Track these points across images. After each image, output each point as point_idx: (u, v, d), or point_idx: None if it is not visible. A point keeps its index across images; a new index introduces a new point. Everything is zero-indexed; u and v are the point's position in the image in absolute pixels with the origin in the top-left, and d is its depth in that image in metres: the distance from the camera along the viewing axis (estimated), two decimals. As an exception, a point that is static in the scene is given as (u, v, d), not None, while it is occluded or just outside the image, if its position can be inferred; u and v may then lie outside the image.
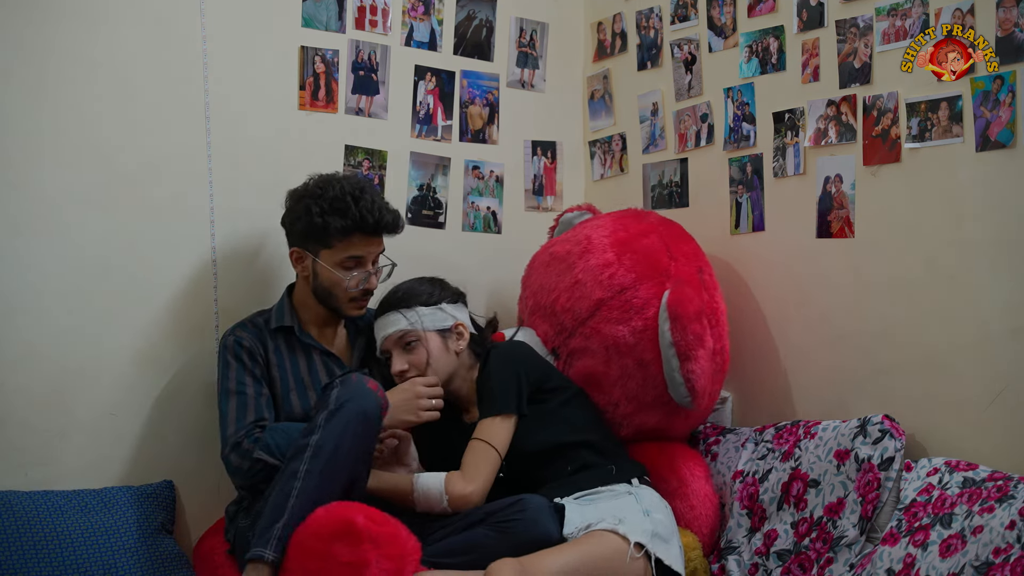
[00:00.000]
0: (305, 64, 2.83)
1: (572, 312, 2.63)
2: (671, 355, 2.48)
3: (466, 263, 3.06)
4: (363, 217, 2.42)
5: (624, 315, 2.56)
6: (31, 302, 2.46)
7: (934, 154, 2.34)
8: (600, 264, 2.62)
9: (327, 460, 2.12)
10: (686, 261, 2.64)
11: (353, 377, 2.23)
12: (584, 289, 2.62)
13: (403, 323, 2.48)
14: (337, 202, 2.41)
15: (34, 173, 2.47)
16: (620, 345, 2.55)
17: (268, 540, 2.07)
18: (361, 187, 2.46)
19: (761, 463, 2.53)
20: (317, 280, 2.49)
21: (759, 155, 2.77)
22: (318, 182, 2.48)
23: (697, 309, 2.50)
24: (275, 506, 2.11)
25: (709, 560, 2.50)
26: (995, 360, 2.23)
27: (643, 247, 2.63)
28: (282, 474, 2.14)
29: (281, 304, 2.56)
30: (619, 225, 2.72)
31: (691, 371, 2.48)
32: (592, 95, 3.31)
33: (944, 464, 2.19)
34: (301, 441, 2.15)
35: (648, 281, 2.57)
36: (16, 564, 2.25)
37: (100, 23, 2.55)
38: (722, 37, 2.87)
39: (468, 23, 3.12)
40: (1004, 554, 1.88)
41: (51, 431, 2.48)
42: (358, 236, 2.45)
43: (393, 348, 2.50)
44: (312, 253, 2.46)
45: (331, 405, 2.17)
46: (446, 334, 2.52)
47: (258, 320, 2.54)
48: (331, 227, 2.41)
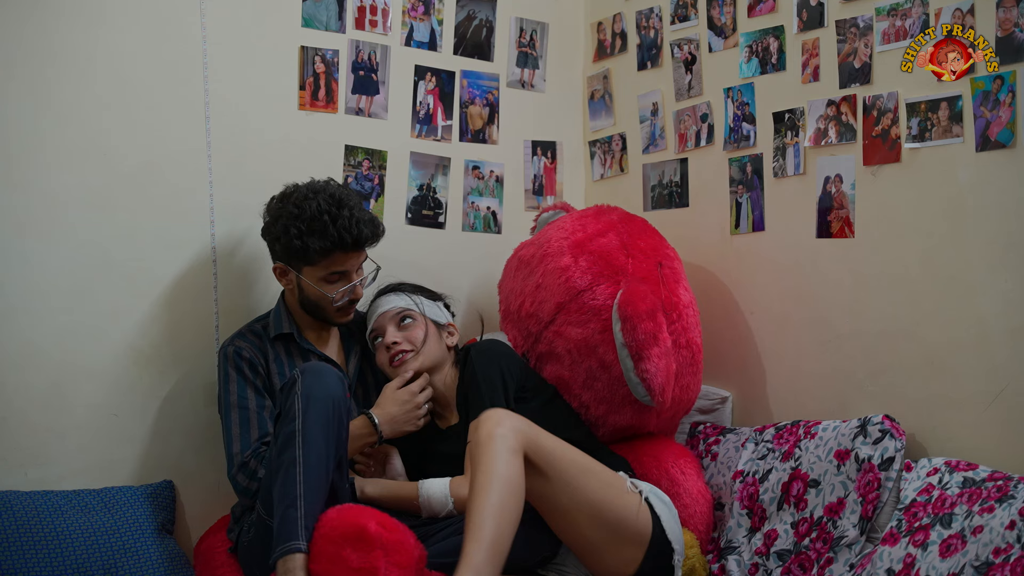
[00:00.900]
0: (305, 64, 2.83)
1: (536, 317, 2.64)
2: (625, 355, 2.49)
3: (466, 263, 3.07)
4: (341, 237, 2.39)
5: (583, 317, 2.56)
6: (31, 301, 2.46)
7: (934, 154, 2.34)
8: (558, 268, 2.62)
9: (315, 446, 2.10)
10: (644, 258, 2.63)
11: (314, 365, 2.23)
12: (545, 293, 2.63)
13: (405, 302, 2.52)
14: (315, 223, 2.38)
15: (35, 172, 2.47)
16: (582, 348, 2.55)
17: (295, 531, 2.02)
18: (339, 202, 2.41)
19: (761, 463, 2.53)
20: (303, 294, 2.48)
21: (759, 155, 2.77)
22: (295, 199, 2.42)
23: (650, 307, 2.49)
24: (284, 495, 2.07)
25: (708, 560, 2.50)
26: (995, 360, 2.23)
27: (599, 247, 2.63)
28: (279, 464, 2.11)
29: (278, 311, 2.55)
30: (578, 226, 2.72)
31: (645, 370, 2.47)
32: (592, 95, 3.31)
33: (944, 464, 2.19)
34: (286, 429, 2.12)
35: (605, 281, 2.57)
36: (16, 564, 2.25)
37: (100, 23, 2.55)
38: (722, 37, 2.87)
39: (468, 23, 3.12)
40: (1004, 554, 1.88)
41: (51, 431, 2.48)
42: (338, 254, 2.42)
43: (388, 324, 2.51)
44: (295, 269, 2.46)
45: (301, 392, 2.14)
46: (441, 327, 2.56)
47: (257, 328, 2.53)
48: (311, 248, 2.38)
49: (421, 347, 2.49)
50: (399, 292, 2.56)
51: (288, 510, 2.04)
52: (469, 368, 2.44)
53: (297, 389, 2.15)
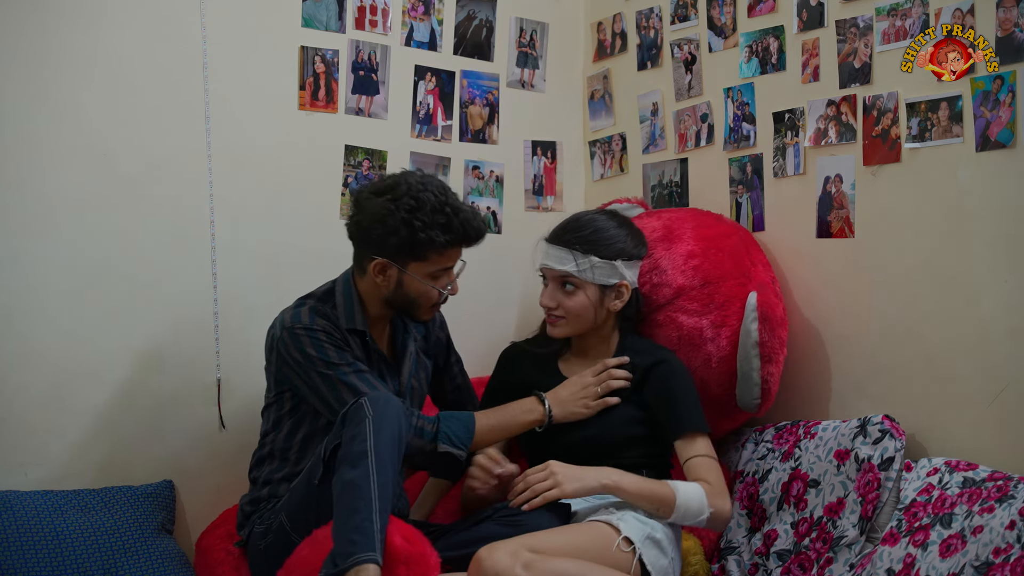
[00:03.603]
0: (305, 64, 2.83)
1: (646, 297, 2.59)
2: (754, 355, 2.47)
3: (465, 263, 3.06)
4: (466, 231, 2.31)
5: (704, 308, 2.54)
6: (31, 302, 2.47)
7: (934, 154, 2.34)
8: (684, 254, 2.59)
9: (386, 467, 2.05)
10: (763, 269, 2.64)
11: (379, 394, 2.17)
12: (664, 276, 2.59)
13: (570, 266, 2.41)
14: (437, 215, 2.26)
15: (34, 173, 2.47)
16: (695, 337, 2.53)
17: (370, 543, 1.95)
18: (447, 196, 2.31)
19: (761, 463, 2.53)
20: (401, 290, 2.35)
21: (759, 155, 2.77)
22: (407, 191, 2.28)
23: (781, 315, 2.52)
24: (355, 508, 2.00)
25: (710, 561, 2.50)
26: (995, 360, 2.23)
27: (728, 246, 2.62)
28: (351, 478, 2.04)
29: (350, 299, 2.37)
30: (700, 222, 2.70)
31: (771, 373, 2.48)
32: (592, 95, 3.31)
33: (944, 464, 2.19)
34: (357, 448, 2.05)
35: (731, 280, 2.56)
36: (16, 564, 2.25)
37: (99, 22, 2.55)
38: (722, 37, 2.87)
39: (468, 23, 3.12)
40: (1004, 554, 1.88)
41: (51, 431, 2.48)
42: (457, 250, 2.34)
43: (550, 279, 2.45)
44: (398, 265, 2.31)
45: (371, 415, 2.08)
46: (607, 290, 2.44)
47: (326, 310, 2.35)
48: (436, 242, 2.28)
49: (573, 318, 2.43)
50: (573, 249, 2.41)
51: (364, 522, 1.97)
52: (672, 369, 2.40)
53: (367, 411, 2.09)
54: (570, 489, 2.21)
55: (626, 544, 2.16)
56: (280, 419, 2.39)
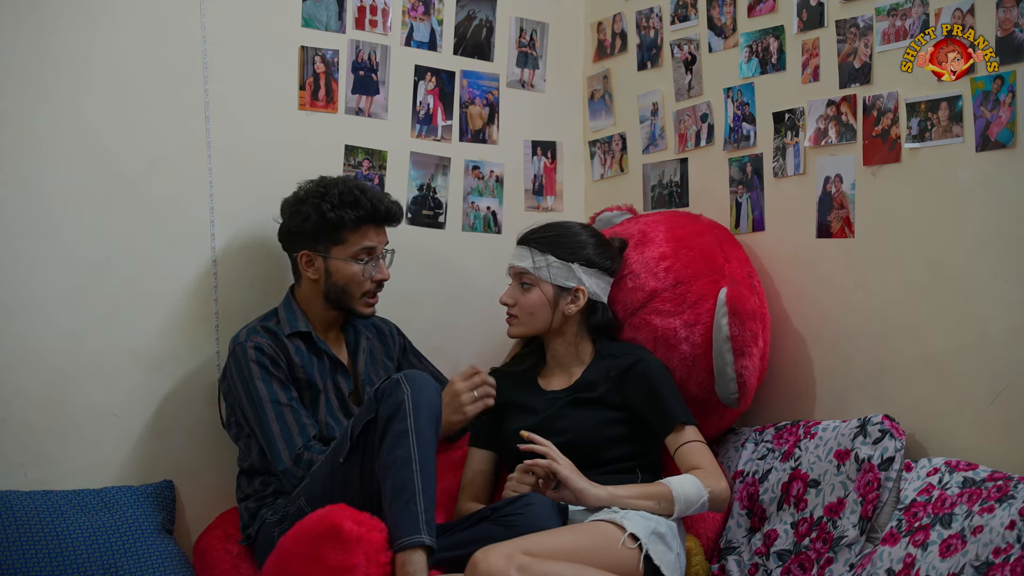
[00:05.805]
0: (305, 64, 2.83)
1: (623, 303, 2.62)
2: (726, 349, 2.48)
3: (466, 263, 3.07)
4: (374, 207, 2.47)
5: (677, 308, 2.55)
6: (31, 302, 2.47)
7: (934, 154, 2.33)
8: (656, 256, 2.61)
9: (427, 446, 2.11)
10: (739, 264, 2.64)
11: (415, 372, 2.24)
12: (637, 280, 2.61)
13: (527, 263, 2.50)
14: (346, 196, 2.46)
15: (33, 173, 2.47)
16: (669, 338, 2.54)
17: (416, 526, 2.02)
18: (358, 183, 2.53)
19: (761, 463, 2.53)
20: (331, 280, 2.49)
21: (759, 155, 2.77)
22: (317, 184, 2.52)
23: (754, 308, 2.52)
24: (399, 490, 2.06)
25: (710, 561, 2.49)
26: (995, 360, 2.23)
27: (700, 245, 2.63)
28: (392, 459, 2.09)
29: (290, 309, 2.54)
30: (674, 222, 2.72)
31: (744, 367, 2.48)
32: (592, 95, 3.31)
33: (944, 464, 2.19)
34: (397, 427, 2.11)
35: (703, 278, 2.57)
36: (16, 564, 2.25)
37: (99, 22, 2.55)
38: (722, 37, 2.87)
39: (468, 23, 3.12)
40: (1004, 554, 1.88)
41: (51, 431, 2.48)
42: (370, 227, 2.49)
43: (512, 277, 2.54)
44: (322, 253, 2.47)
45: (410, 394, 2.14)
46: (563, 292, 2.50)
47: (268, 325, 2.50)
48: (346, 219, 2.44)
49: (526, 316, 2.49)
50: (532, 247, 2.52)
51: (408, 504, 2.03)
52: (652, 367, 2.45)
53: (405, 391, 2.14)
54: (565, 471, 2.24)
55: (632, 541, 2.17)
56: (248, 440, 2.46)
